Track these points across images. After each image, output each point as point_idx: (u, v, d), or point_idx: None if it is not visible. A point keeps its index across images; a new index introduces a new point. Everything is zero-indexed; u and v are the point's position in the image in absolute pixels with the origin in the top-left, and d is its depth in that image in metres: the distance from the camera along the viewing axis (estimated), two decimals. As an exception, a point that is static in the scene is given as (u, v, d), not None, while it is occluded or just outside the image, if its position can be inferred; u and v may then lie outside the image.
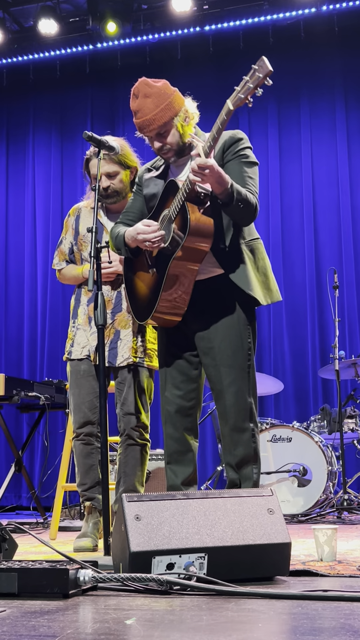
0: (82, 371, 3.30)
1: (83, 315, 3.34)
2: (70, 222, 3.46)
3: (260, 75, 2.47)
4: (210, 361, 2.82)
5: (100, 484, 3.19)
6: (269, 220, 7.05)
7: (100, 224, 3.33)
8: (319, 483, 4.94)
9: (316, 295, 6.82)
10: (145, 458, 3.30)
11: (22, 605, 1.78)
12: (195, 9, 6.93)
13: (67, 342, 3.39)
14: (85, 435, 3.29)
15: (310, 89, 7.19)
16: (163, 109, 2.79)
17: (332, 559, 2.47)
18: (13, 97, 7.99)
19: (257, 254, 2.87)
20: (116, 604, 1.78)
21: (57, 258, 3.49)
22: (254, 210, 2.78)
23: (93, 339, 3.27)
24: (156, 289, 2.81)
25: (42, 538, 2.18)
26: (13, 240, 7.78)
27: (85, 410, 3.28)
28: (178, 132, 2.83)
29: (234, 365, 2.78)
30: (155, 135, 2.83)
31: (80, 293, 3.39)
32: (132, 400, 3.26)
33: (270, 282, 2.89)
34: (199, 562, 2.06)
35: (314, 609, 1.67)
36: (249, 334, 2.83)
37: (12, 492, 7.04)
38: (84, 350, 3.30)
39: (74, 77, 7.75)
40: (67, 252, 3.45)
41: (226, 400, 2.78)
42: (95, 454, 3.29)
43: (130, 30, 7.15)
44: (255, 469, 2.78)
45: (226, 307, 2.82)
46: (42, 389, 5.09)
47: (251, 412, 2.79)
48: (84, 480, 3.31)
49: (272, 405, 6.73)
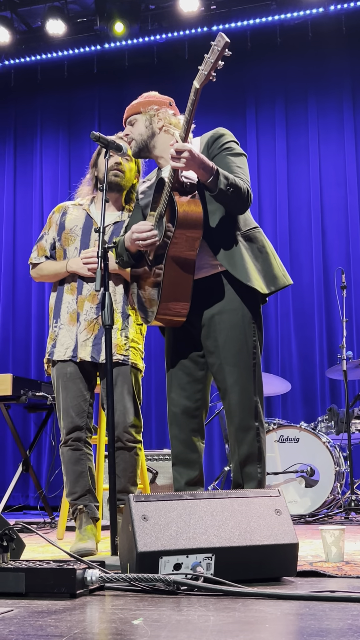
0: (68, 374, 3.20)
1: (66, 314, 3.24)
2: (54, 218, 3.40)
3: (219, 48, 2.55)
4: (215, 360, 2.81)
5: (91, 493, 3.17)
6: (276, 221, 7.04)
7: (90, 218, 3.31)
8: (326, 484, 4.93)
9: (324, 295, 6.81)
10: (137, 460, 3.19)
11: (30, 605, 1.78)
12: (203, 9, 6.93)
13: (49, 342, 3.28)
14: (74, 440, 3.17)
15: (318, 89, 7.18)
16: (139, 102, 3.06)
17: (340, 559, 2.47)
18: (21, 97, 8.01)
19: (256, 242, 2.84)
20: (123, 604, 1.78)
21: (35, 252, 3.40)
22: (246, 197, 2.76)
23: (82, 336, 3.17)
24: (158, 287, 2.81)
25: (49, 538, 2.18)
26: (21, 240, 7.80)
27: (73, 415, 3.17)
28: (144, 126, 2.99)
29: (238, 364, 2.76)
30: (127, 123, 3.06)
31: (63, 291, 3.28)
32: (120, 401, 3.14)
33: (275, 267, 2.84)
34: (206, 562, 2.06)
35: (321, 609, 1.66)
36: (253, 332, 2.80)
37: (19, 491, 7.06)
38: (67, 352, 3.19)
39: (82, 78, 7.76)
40: (49, 247, 3.37)
41: (231, 399, 2.76)
42: (84, 460, 3.17)
43: (138, 30, 7.14)
44: (260, 469, 2.73)
45: (230, 305, 2.80)
46: (49, 388, 5.09)
47: (257, 411, 2.76)
48: (74, 489, 3.15)
49: (280, 406, 6.72)
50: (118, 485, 3.14)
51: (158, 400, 6.85)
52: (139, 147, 3.00)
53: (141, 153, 3.03)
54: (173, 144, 2.65)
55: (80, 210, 3.36)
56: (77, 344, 3.19)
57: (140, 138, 2.99)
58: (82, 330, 3.19)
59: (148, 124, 2.98)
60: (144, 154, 3.03)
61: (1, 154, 8.06)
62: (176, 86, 7.56)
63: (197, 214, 2.71)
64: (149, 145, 2.99)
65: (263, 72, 7.18)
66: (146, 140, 2.98)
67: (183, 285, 2.77)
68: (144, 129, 2.98)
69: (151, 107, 3.02)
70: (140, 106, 3.04)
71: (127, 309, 3.26)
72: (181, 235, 2.69)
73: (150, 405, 6.90)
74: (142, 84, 7.52)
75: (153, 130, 2.98)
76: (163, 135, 2.97)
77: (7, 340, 7.62)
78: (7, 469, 7.22)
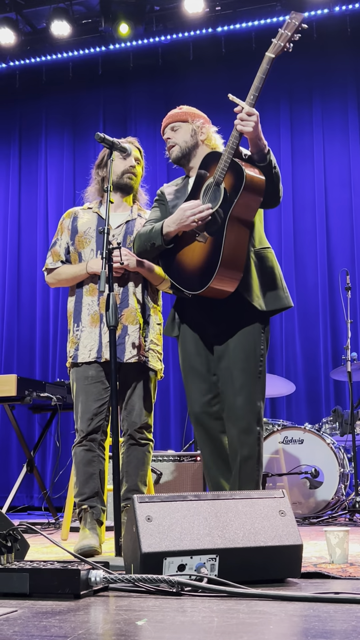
0: (90, 377, 3.22)
1: (87, 316, 3.26)
2: (65, 223, 3.42)
3: (296, 23, 2.75)
4: (224, 364, 2.91)
5: (99, 495, 3.19)
6: (280, 222, 7.04)
7: (102, 219, 3.32)
8: (330, 485, 4.92)
9: (328, 296, 6.80)
10: (148, 458, 3.26)
11: (34, 606, 1.78)
12: (208, 11, 6.93)
13: (70, 347, 3.29)
14: (88, 441, 3.19)
15: (323, 90, 7.18)
16: (185, 112, 3.12)
17: (344, 561, 2.47)
18: (26, 98, 8.02)
19: (265, 262, 2.95)
20: (127, 605, 1.78)
21: (50, 258, 3.41)
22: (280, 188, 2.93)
23: (107, 337, 3.18)
24: (215, 251, 2.79)
25: (53, 538, 2.18)
26: (25, 241, 7.81)
27: (92, 418, 3.20)
28: (189, 135, 3.07)
29: (246, 369, 2.87)
30: (169, 128, 3.10)
31: (82, 294, 3.30)
32: (136, 400, 3.23)
33: (280, 289, 2.95)
34: (210, 563, 2.06)
35: (325, 611, 1.66)
36: (262, 341, 2.93)
37: (24, 492, 7.06)
38: (92, 353, 3.22)
39: (87, 79, 7.77)
40: (63, 252, 3.39)
41: (237, 402, 2.86)
42: (96, 462, 3.19)
43: (143, 31, 7.15)
44: (257, 471, 2.86)
45: (243, 313, 2.90)
46: (54, 389, 5.10)
47: (259, 416, 2.89)
48: (83, 490, 3.16)
49: (284, 407, 6.71)
50: (129, 483, 3.18)
51: (162, 402, 6.85)
52: (183, 153, 3.08)
53: (181, 160, 3.10)
54: (239, 109, 2.76)
55: (91, 214, 3.39)
56: (101, 345, 3.22)
57: (185, 145, 3.08)
58: (106, 331, 3.21)
59: (193, 134, 3.08)
60: (183, 160, 3.11)
61: (6, 154, 8.07)
62: (181, 87, 7.62)
63: (262, 180, 2.81)
64: (192, 153, 3.08)
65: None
66: (190, 148, 3.08)
67: (241, 250, 2.82)
68: (189, 137, 3.08)
69: (198, 119, 3.11)
70: (187, 116, 3.11)
71: (149, 309, 3.30)
72: (246, 197, 2.77)
73: (155, 406, 6.88)
74: (147, 85, 7.62)
75: (197, 141, 3.08)
76: (204, 147, 3.08)
77: (11, 341, 7.63)
78: (11, 470, 7.23)
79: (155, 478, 4.66)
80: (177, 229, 2.89)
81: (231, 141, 2.79)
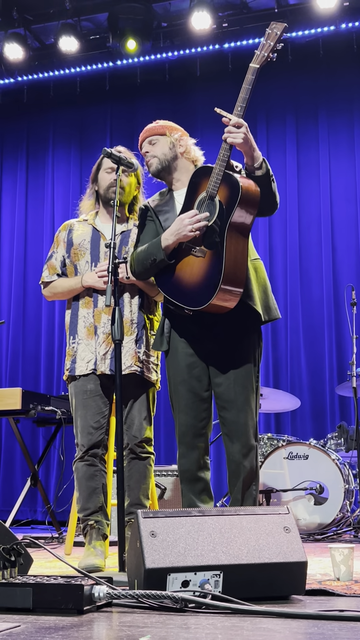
0: (88, 391, 3.21)
1: (83, 329, 3.25)
2: (61, 236, 3.42)
3: (277, 32, 2.83)
4: (223, 380, 2.89)
5: (103, 510, 3.18)
6: (286, 237, 7.04)
7: (97, 231, 3.33)
8: (335, 501, 4.90)
9: (334, 312, 6.79)
10: (149, 471, 3.25)
11: (37, 621, 1.77)
12: (215, 27, 6.97)
13: (67, 359, 3.28)
14: (90, 456, 3.18)
15: (329, 106, 7.21)
16: (162, 125, 3.13)
17: (349, 578, 2.45)
18: (33, 113, 8.07)
19: (258, 272, 2.97)
20: (131, 621, 1.77)
21: (46, 272, 3.41)
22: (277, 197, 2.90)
23: (102, 350, 3.18)
24: (215, 264, 2.76)
25: (57, 553, 2.17)
26: (32, 255, 7.83)
27: (93, 432, 3.19)
28: (167, 147, 3.07)
29: (247, 385, 2.88)
30: (147, 142, 3.11)
31: (78, 307, 3.30)
32: (135, 415, 3.21)
33: (270, 300, 2.97)
34: (214, 579, 2.05)
35: (330, 629, 1.65)
36: (259, 356, 2.96)
37: (27, 506, 7.04)
38: (89, 365, 3.20)
39: (94, 94, 7.82)
40: (59, 265, 3.39)
41: (240, 420, 2.85)
42: (99, 476, 3.18)
43: (150, 47, 7.19)
44: (255, 486, 2.89)
45: (240, 329, 2.89)
46: (58, 403, 5.10)
47: (256, 430, 2.93)
48: (87, 505, 3.15)
49: (289, 422, 6.69)
50: (132, 497, 3.16)
51: (167, 416, 6.83)
52: (162, 166, 3.07)
53: (161, 172, 3.09)
54: (227, 121, 2.76)
55: (86, 225, 3.39)
56: (97, 358, 3.21)
57: (163, 157, 3.06)
58: (100, 343, 3.21)
59: (172, 146, 3.07)
60: (163, 173, 3.09)
61: (14, 168, 8.12)
62: (188, 103, 7.66)
63: (257, 191, 2.80)
64: (171, 165, 3.07)
65: (274, 88, 7.21)
66: (169, 160, 3.07)
67: (241, 262, 2.80)
68: (168, 150, 3.07)
69: (176, 132, 3.11)
70: (165, 129, 3.11)
71: (144, 320, 3.27)
72: (243, 208, 2.76)
73: (160, 421, 6.89)
74: (154, 101, 7.65)
75: (176, 153, 3.07)
76: (183, 160, 3.08)
77: (17, 354, 7.64)
78: (15, 483, 7.21)
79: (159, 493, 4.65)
80: (176, 240, 2.85)
81: (222, 154, 2.77)
